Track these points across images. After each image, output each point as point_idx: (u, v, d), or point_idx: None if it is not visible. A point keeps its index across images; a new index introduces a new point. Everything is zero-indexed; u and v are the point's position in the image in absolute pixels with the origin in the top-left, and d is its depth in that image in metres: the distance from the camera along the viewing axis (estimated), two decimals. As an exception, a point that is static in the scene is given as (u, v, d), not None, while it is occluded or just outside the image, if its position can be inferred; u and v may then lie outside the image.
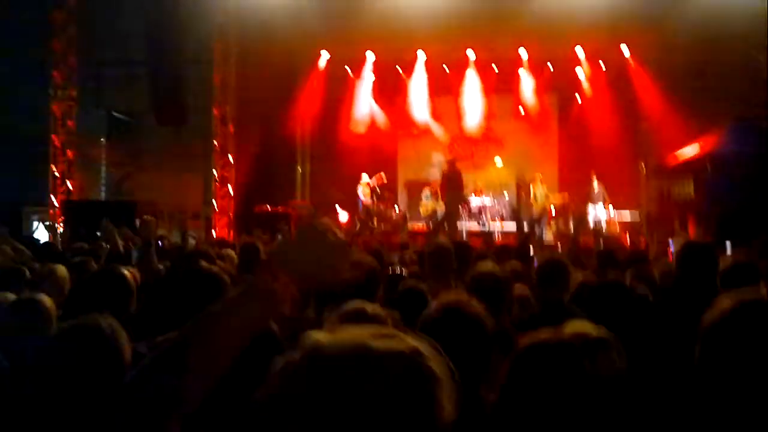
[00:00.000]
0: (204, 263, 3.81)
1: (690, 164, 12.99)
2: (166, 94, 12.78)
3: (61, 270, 4.20)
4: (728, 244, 7.30)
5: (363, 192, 14.46)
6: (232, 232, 12.75)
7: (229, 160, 13.26)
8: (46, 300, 3.07)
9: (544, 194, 14.23)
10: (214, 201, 13.28)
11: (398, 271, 5.61)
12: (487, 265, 3.70)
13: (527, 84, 16.14)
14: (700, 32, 11.47)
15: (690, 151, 12.98)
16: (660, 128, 14.42)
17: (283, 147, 15.43)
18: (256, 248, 6.44)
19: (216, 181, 13.26)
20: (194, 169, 14.53)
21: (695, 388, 1.45)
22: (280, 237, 9.62)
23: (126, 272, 3.26)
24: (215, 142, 13.31)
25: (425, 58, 15.93)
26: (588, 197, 13.94)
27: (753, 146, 11.71)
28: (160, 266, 5.68)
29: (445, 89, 16.37)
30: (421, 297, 3.57)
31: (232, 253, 6.56)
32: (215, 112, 13.25)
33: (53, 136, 12.91)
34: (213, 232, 12.85)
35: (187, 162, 14.47)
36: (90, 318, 1.91)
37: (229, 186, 13.25)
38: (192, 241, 10.35)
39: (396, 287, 4.44)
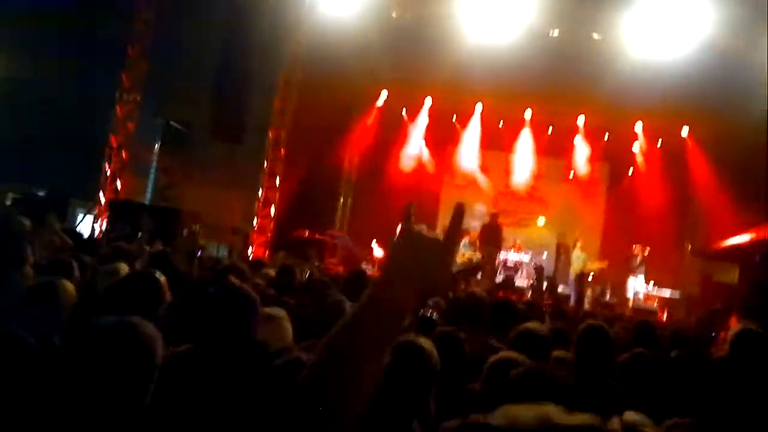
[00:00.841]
0: (234, 279, 3.83)
1: (738, 251, 12.68)
2: (226, 112, 13.10)
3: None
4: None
5: None
6: (267, 252, 12.86)
7: (275, 183, 13.45)
8: (69, 285, 3.14)
9: (583, 258, 14.03)
10: (255, 219, 13.44)
11: (430, 314, 5.56)
12: (532, 324, 3.63)
13: (581, 150, 16.07)
14: (763, 122, 11.30)
15: (739, 239, 12.68)
16: (710, 212, 14.17)
17: (330, 177, 15.61)
18: (292, 271, 6.52)
19: (260, 200, 13.44)
20: (241, 186, 14.75)
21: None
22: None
23: (162, 278, 3.26)
24: (265, 163, 13.54)
25: (482, 111, 16.02)
26: (629, 268, 13.71)
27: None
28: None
29: (497, 144, 16.40)
30: (457, 343, 3.51)
31: (270, 272, 6.63)
32: (270, 134, 13.52)
33: (112, 136, 13.32)
34: (250, 249, 12.98)
35: (235, 179, 14.70)
36: (131, 317, 1.92)
37: (272, 207, 13.42)
38: (233, 257, 10.51)
39: (427, 330, 4.41)
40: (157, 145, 15.44)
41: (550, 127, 16.06)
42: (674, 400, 2.91)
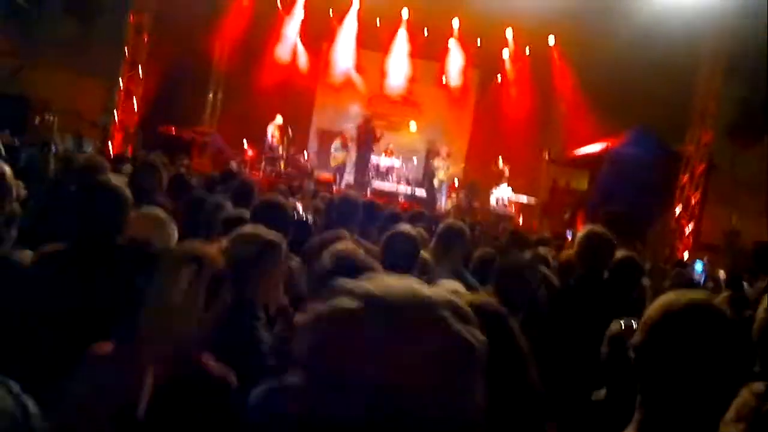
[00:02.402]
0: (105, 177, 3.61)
1: (590, 159, 13.65)
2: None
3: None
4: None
5: (272, 132, 14.15)
6: (130, 148, 12.12)
7: (138, 73, 12.50)
8: None
9: (446, 167, 14.59)
10: (115, 112, 12.51)
11: (305, 218, 5.58)
12: (404, 227, 3.77)
13: (454, 55, 16.25)
14: (627, 41, 11.93)
15: (592, 148, 13.62)
16: (569, 122, 15.03)
17: (198, 70, 14.72)
18: (156, 168, 6.20)
19: (120, 91, 12.47)
20: (98, 74, 13.56)
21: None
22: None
23: (7, 169, 2.98)
24: (126, 50, 12.48)
25: (359, 7, 15.62)
26: (494, 181, 14.44)
27: (647, 152, 12.46)
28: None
29: (373, 44, 16.17)
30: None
31: (129, 168, 6.27)
32: (131, 18, 12.39)
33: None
34: (109, 144, 12.16)
35: (91, 65, 13.47)
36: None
37: (134, 99, 12.51)
38: (88, 150, 9.79)
39: (304, 232, 4.44)
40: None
41: (426, 29, 16.02)
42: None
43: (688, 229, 12.22)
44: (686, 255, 11.74)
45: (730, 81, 12.19)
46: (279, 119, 14.27)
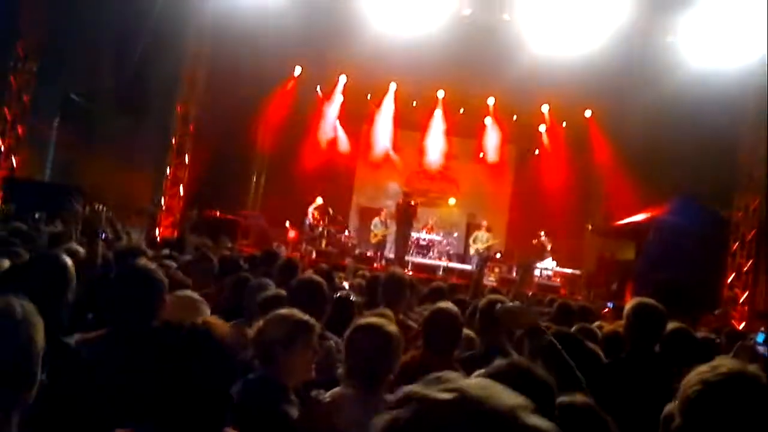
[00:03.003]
0: (143, 261, 3.70)
1: (634, 229, 13.43)
2: (129, 82, 12.50)
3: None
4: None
5: (312, 213, 14.40)
6: (176, 233, 12.44)
7: (184, 160, 12.99)
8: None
9: (485, 238, 14.53)
10: (162, 199, 12.95)
11: (347, 295, 5.57)
12: (446, 304, 3.75)
13: (491, 131, 16.50)
14: (664, 109, 11.96)
15: (636, 218, 13.43)
16: (609, 193, 14.93)
17: (241, 155, 15.24)
18: (207, 256, 6.33)
19: (167, 179, 12.94)
20: (146, 163, 14.15)
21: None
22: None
23: (69, 260, 3.10)
24: (173, 140, 13.03)
25: (396, 90, 16.10)
26: (537, 250, 14.28)
27: (693, 220, 12.21)
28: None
29: (410, 124, 16.57)
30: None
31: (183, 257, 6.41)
32: (179, 109, 12.99)
33: (5, 109, 12.44)
34: (157, 230, 12.52)
35: (140, 155, 14.09)
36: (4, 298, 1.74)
37: (180, 186, 12.95)
38: (133, 237, 10.07)
39: (345, 311, 4.42)
40: (56, 119, 14.56)
41: (462, 108, 16.35)
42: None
43: (743, 297, 11.77)
44: (742, 325, 11.27)
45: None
46: (319, 200, 14.54)
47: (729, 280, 11.88)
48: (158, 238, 11.08)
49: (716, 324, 10.46)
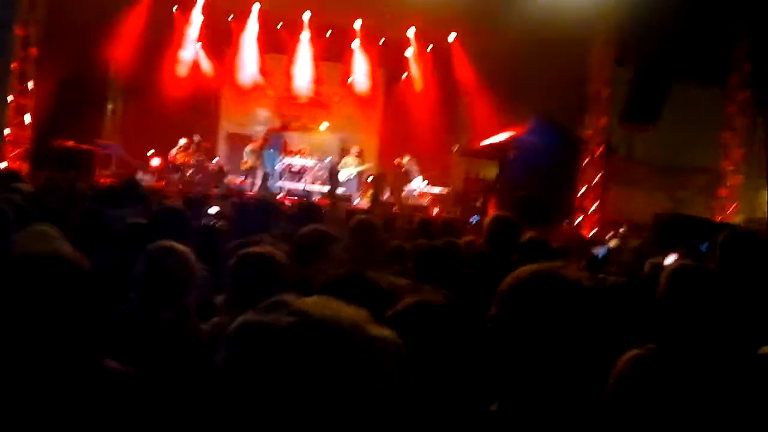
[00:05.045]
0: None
1: (496, 149, 14.09)
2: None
3: None
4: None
5: (175, 156, 13.83)
6: (27, 165, 11.47)
7: (28, 87, 11.85)
8: None
9: (356, 164, 14.72)
10: (6, 129, 11.81)
11: (213, 223, 5.48)
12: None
13: (359, 56, 16.38)
14: (523, 31, 12.38)
15: (498, 138, 14.06)
16: (474, 115, 15.47)
17: (94, 80, 14.11)
18: (56, 185, 5.94)
19: (11, 108, 11.78)
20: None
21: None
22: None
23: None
24: (13, 66, 11.81)
25: (259, 11, 15.46)
26: (405, 172, 14.67)
27: (549, 139, 13.00)
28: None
29: (277, 47, 16.07)
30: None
31: (25, 187, 5.96)
32: (17, 31, 11.72)
33: None
34: (3, 163, 11.47)
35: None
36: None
37: (27, 115, 11.85)
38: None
39: (212, 240, 4.35)
40: None
41: (329, 31, 16.06)
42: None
43: (593, 208, 12.83)
44: (593, 232, 12.32)
45: (622, 67, 12.87)
46: (182, 141, 13.93)
47: (580, 193, 12.87)
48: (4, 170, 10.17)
49: (568, 233, 11.40)
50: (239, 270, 2.70)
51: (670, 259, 3.97)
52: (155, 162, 13.95)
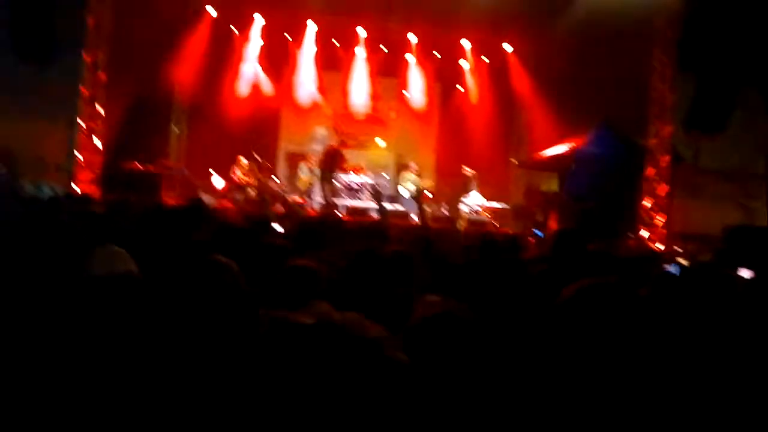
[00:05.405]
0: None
1: (557, 161, 13.80)
2: (30, 28, 11.68)
3: None
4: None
5: (235, 174, 14.16)
6: (99, 189, 11.91)
7: (98, 111, 12.34)
8: None
9: (416, 180, 14.68)
10: (78, 154, 12.32)
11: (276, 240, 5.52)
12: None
13: (413, 70, 16.41)
14: (580, 38, 12.17)
15: (558, 149, 13.78)
16: (532, 126, 15.23)
17: (159, 103, 14.61)
18: (126, 207, 6.14)
19: (82, 132, 12.30)
20: (57, 116, 13.39)
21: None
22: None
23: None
24: (84, 90, 12.33)
25: (315, 30, 15.70)
26: (463, 189, 14.54)
27: (611, 149, 12.66)
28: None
29: (333, 64, 16.27)
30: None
31: (97, 209, 6.18)
32: (86, 57, 12.25)
33: None
34: (76, 187, 11.94)
35: (50, 108, 13.31)
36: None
37: (97, 139, 12.33)
38: (49, 192, 9.63)
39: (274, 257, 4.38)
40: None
41: (384, 46, 16.16)
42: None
43: (660, 220, 12.38)
44: (662, 246, 11.88)
45: (686, 72, 12.43)
46: (243, 160, 14.25)
47: (647, 205, 12.44)
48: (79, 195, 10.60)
49: (635, 246, 11.02)
50: (283, 278, 3.05)
51: (743, 274, 3.77)
52: (217, 182, 14.27)
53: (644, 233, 12.28)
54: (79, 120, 12.15)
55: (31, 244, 3.11)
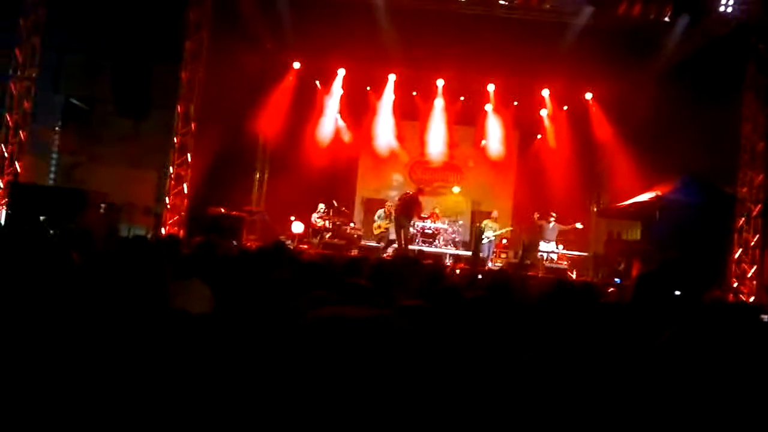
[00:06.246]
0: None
1: (640, 209, 13.40)
2: (130, 85, 12.57)
3: None
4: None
5: (315, 221, 14.53)
6: (183, 231, 12.47)
7: (187, 159, 13.02)
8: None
9: (495, 227, 14.57)
10: (166, 198, 12.99)
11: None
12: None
13: (492, 118, 16.48)
14: (664, 84, 11.95)
15: (642, 197, 13.40)
16: (613, 174, 14.89)
17: (244, 151, 15.28)
18: (211, 246, 6.38)
19: (171, 177, 12.98)
20: (150, 164, 14.22)
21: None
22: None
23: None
24: (175, 139, 13.07)
25: (395, 81, 16.09)
26: (541, 233, 14.28)
27: (698, 198, 12.18)
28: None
29: (411, 114, 16.57)
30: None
31: (182, 251, 6.45)
32: (179, 108, 13.02)
33: (7, 115, 12.50)
34: (162, 229, 12.55)
35: (144, 156, 14.18)
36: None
37: (184, 185, 12.98)
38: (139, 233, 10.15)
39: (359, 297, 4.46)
40: (58, 124, 14.65)
41: (462, 96, 16.34)
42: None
43: (751, 272, 11.73)
44: (752, 299, 11.25)
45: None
46: (321, 206, 14.63)
47: (737, 256, 11.84)
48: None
49: (723, 298, 10.46)
50: None
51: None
52: (296, 227, 14.63)
53: (734, 285, 11.67)
54: (170, 167, 12.82)
55: (118, 278, 3.27)
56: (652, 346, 2.08)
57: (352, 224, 15.30)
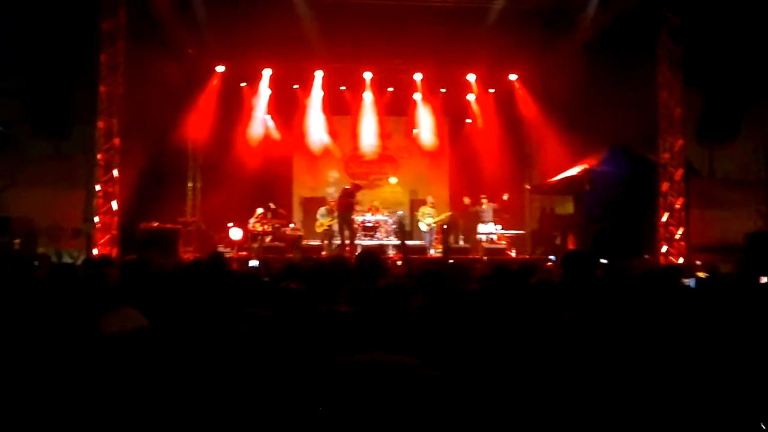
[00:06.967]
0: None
1: (571, 184, 13.76)
2: (46, 104, 12.07)
3: None
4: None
5: (253, 225, 14.35)
6: (116, 250, 12.10)
7: (113, 175, 12.62)
8: None
9: (433, 214, 14.72)
10: (95, 218, 12.57)
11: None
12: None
13: (421, 107, 16.61)
14: (585, 60, 12.26)
15: (571, 171, 13.76)
16: (543, 151, 15.26)
17: (174, 161, 14.90)
18: (141, 265, 6.22)
19: (99, 196, 12.56)
20: (75, 184, 13.72)
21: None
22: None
23: None
24: (99, 156, 12.64)
25: (322, 76, 16.00)
26: (478, 217, 14.55)
27: (624, 167, 12.60)
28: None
29: (341, 109, 16.53)
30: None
31: (113, 272, 6.27)
32: (100, 124, 12.59)
33: None
34: (94, 250, 12.15)
35: (68, 176, 13.67)
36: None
37: (113, 202, 12.59)
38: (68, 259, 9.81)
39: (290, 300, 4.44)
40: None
41: (390, 87, 16.40)
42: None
43: (678, 234, 12.23)
44: (681, 260, 11.72)
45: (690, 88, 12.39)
46: (259, 210, 14.46)
47: (664, 220, 12.31)
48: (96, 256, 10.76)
49: (653, 264, 10.89)
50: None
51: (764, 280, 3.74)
52: (235, 234, 14.42)
53: (664, 248, 12.13)
54: (96, 186, 12.40)
55: (47, 312, 3.18)
56: (557, 323, 2.15)
57: (291, 225, 15.19)
